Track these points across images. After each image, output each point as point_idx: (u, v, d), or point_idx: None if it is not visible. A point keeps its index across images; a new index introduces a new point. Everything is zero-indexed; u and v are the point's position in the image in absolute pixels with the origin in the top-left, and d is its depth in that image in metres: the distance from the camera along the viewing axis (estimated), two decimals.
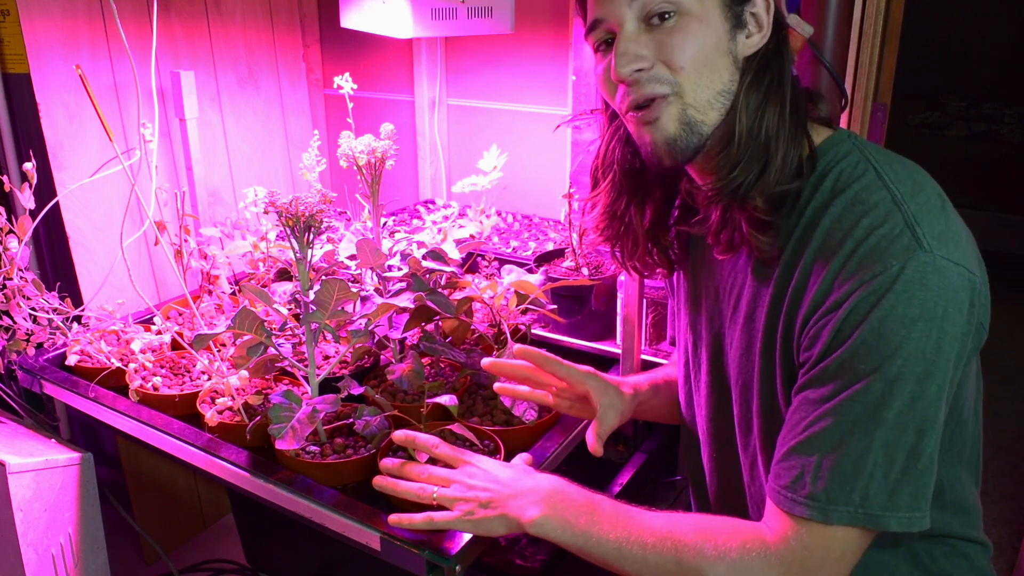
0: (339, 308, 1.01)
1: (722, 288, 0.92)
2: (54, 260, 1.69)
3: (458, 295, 1.19)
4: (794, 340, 0.78)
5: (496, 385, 1.08)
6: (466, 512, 0.90)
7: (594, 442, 0.98)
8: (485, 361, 1.06)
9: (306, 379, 1.09)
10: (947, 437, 0.78)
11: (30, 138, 1.58)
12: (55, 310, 1.35)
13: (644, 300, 1.26)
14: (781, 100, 0.80)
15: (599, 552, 0.83)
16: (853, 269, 0.72)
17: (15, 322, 1.31)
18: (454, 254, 1.22)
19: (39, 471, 1.21)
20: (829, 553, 0.73)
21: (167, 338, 1.38)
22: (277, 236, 1.48)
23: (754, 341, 0.85)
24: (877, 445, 0.71)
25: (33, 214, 1.31)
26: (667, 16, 0.78)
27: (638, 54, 0.79)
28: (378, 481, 0.99)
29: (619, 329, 1.30)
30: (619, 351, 1.31)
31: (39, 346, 1.36)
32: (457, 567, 0.91)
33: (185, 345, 1.31)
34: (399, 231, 1.30)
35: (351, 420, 1.09)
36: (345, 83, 1.27)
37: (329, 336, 1.09)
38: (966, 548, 0.88)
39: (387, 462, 1.01)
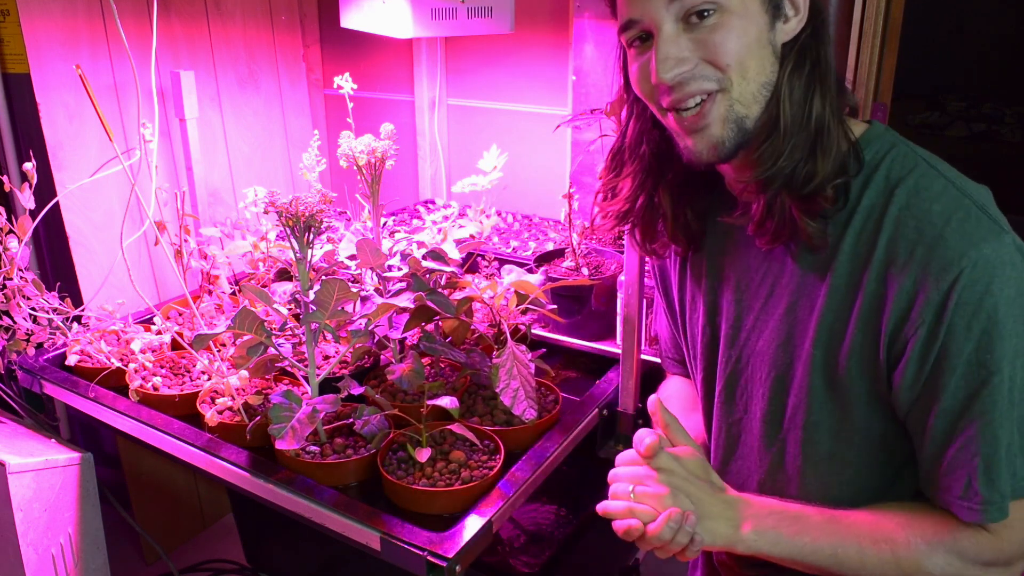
0: (339, 308, 1.01)
1: (749, 276, 0.91)
2: (54, 260, 1.69)
3: (458, 295, 1.19)
4: (881, 335, 0.78)
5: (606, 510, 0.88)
6: (674, 519, 0.80)
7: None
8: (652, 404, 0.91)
9: (306, 379, 1.09)
10: None
11: (30, 138, 1.58)
12: (55, 310, 1.35)
13: (644, 300, 1.26)
14: (825, 85, 0.79)
15: (814, 559, 0.81)
16: (945, 255, 0.73)
17: (15, 322, 1.31)
18: (454, 254, 1.22)
19: (39, 471, 1.21)
20: (1015, 532, 0.77)
21: (167, 338, 1.38)
22: (277, 236, 1.48)
23: (799, 332, 0.84)
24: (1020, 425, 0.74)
25: (33, 214, 1.31)
26: (707, 13, 0.76)
27: (680, 56, 0.77)
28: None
29: (619, 329, 1.31)
30: (619, 351, 1.30)
31: (39, 346, 1.36)
32: (457, 567, 0.91)
33: (185, 345, 1.31)
34: (399, 231, 1.30)
35: (351, 420, 1.09)
36: (345, 83, 1.27)
37: (329, 336, 1.09)
38: None
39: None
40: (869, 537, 0.80)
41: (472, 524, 0.96)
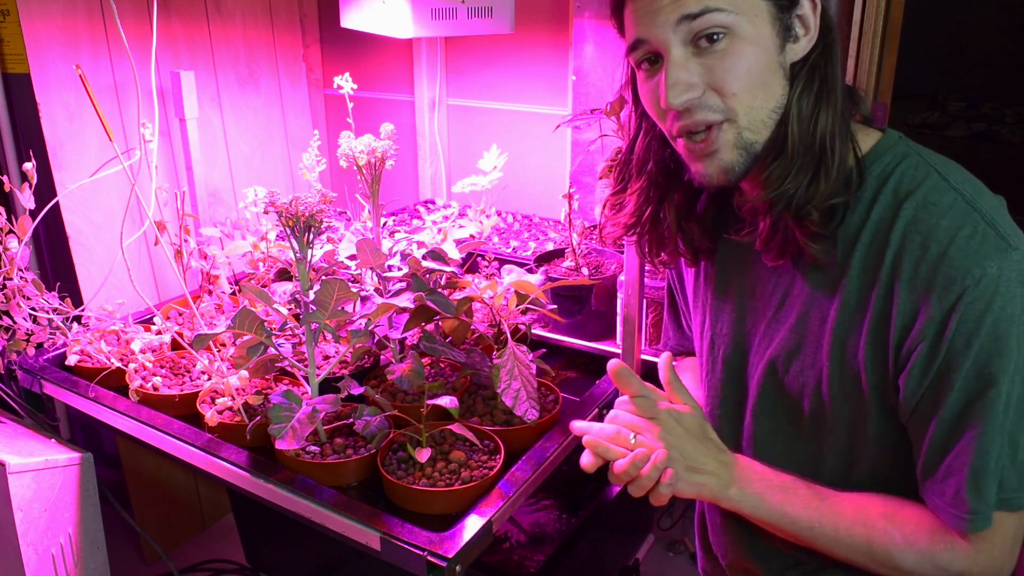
0: (339, 308, 1.01)
1: (759, 287, 0.91)
2: (54, 260, 1.69)
3: (458, 295, 1.19)
4: (888, 348, 0.78)
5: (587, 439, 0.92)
6: (640, 458, 0.85)
7: None
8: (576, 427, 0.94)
9: (306, 379, 1.09)
10: None
11: (30, 138, 1.58)
12: (55, 310, 1.35)
13: (644, 300, 1.26)
14: (832, 102, 0.78)
15: (792, 529, 0.85)
16: (949, 274, 0.73)
17: (15, 322, 1.31)
18: (454, 254, 1.22)
19: (39, 471, 1.21)
20: (1007, 540, 0.78)
21: (167, 338, 1.38)
22: (277, 236, 1.48)
23: (809, 344, 0.85)
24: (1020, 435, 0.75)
25: (33, 214, 1.31)
26: (716, 37, 0.74)
27: (689, 82, 0.76)
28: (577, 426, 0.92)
29: (619, 329, 1.31)
30: (619, 351, 1.31)
31: (39, 346, 1.36)
32: (457, 567, 0.91)
33: (185, 345, 1.31)
34: (399, 231, 1.30)
35: (351, 420, 1.09)
36: (345, 83, 1.27)
37: (329, 336, 1.09)
38: None
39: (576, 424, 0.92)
40: (848, 521, 0.82)
41: (472, 524, 0.96)
